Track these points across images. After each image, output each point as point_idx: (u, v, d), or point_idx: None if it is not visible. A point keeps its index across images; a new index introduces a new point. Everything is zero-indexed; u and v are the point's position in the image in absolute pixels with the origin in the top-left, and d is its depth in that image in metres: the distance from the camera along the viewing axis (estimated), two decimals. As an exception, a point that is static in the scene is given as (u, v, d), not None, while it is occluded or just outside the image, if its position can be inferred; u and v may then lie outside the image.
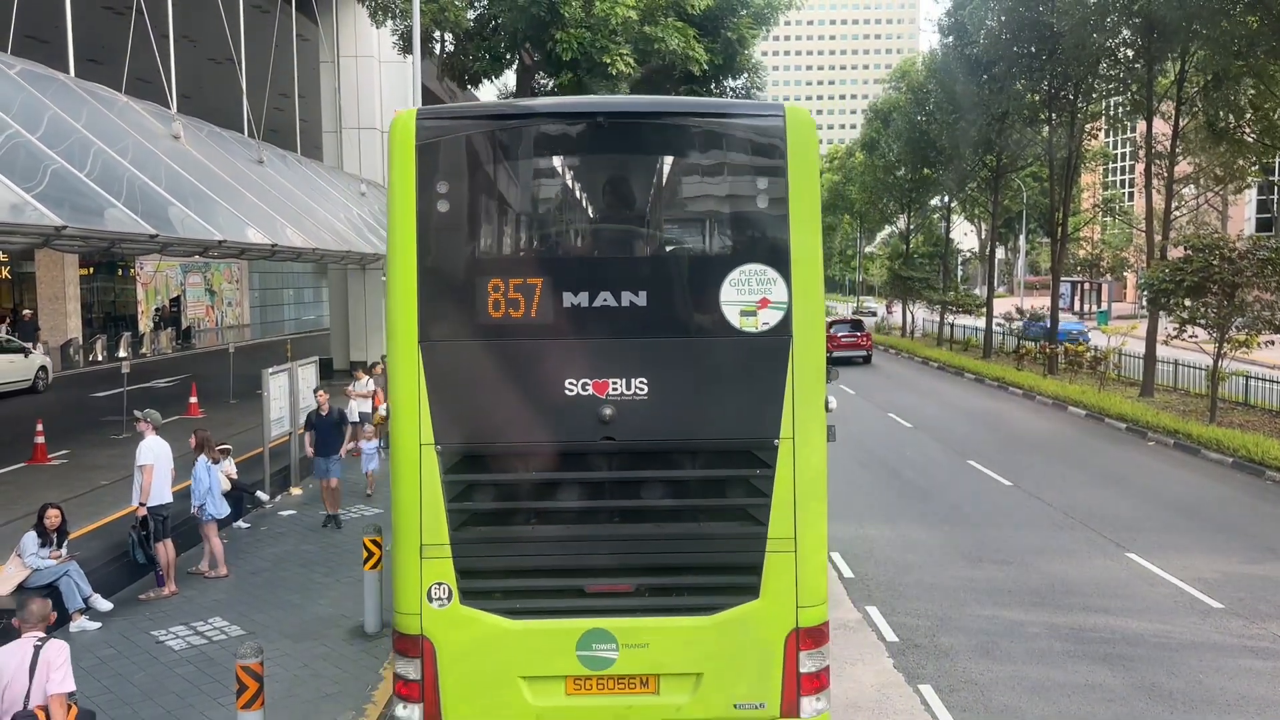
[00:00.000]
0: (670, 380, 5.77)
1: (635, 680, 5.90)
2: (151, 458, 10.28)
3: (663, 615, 5.89)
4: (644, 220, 6.42)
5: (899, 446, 20.06)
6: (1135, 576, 11.61)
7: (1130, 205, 58.27)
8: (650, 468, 5.91)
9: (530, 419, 5.78)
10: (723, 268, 5.81)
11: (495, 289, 5.72)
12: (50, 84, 15.01)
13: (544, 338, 5.77)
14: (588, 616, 5.84)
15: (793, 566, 5.87)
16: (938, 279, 47.41)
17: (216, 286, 49.58)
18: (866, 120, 49.48)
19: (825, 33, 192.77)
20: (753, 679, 5.88)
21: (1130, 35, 27.03)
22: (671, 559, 5.93)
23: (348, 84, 28.71)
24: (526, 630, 5.81)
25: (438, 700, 5.82)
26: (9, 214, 10.55)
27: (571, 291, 5.74)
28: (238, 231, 16.28)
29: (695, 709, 5.88)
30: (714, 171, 6.22)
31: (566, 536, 5.92)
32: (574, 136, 6.17)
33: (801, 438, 5.82)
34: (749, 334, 5.76)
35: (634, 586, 5.95)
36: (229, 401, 23.49)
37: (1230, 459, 18.06)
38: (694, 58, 21.64)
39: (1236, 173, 29.05)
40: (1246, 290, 20.64)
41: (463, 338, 5.80)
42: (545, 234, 6.49)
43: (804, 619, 5.89)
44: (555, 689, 5.89)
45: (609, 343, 5.78)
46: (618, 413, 5.70)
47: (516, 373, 5.79)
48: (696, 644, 5.84)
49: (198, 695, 8.10)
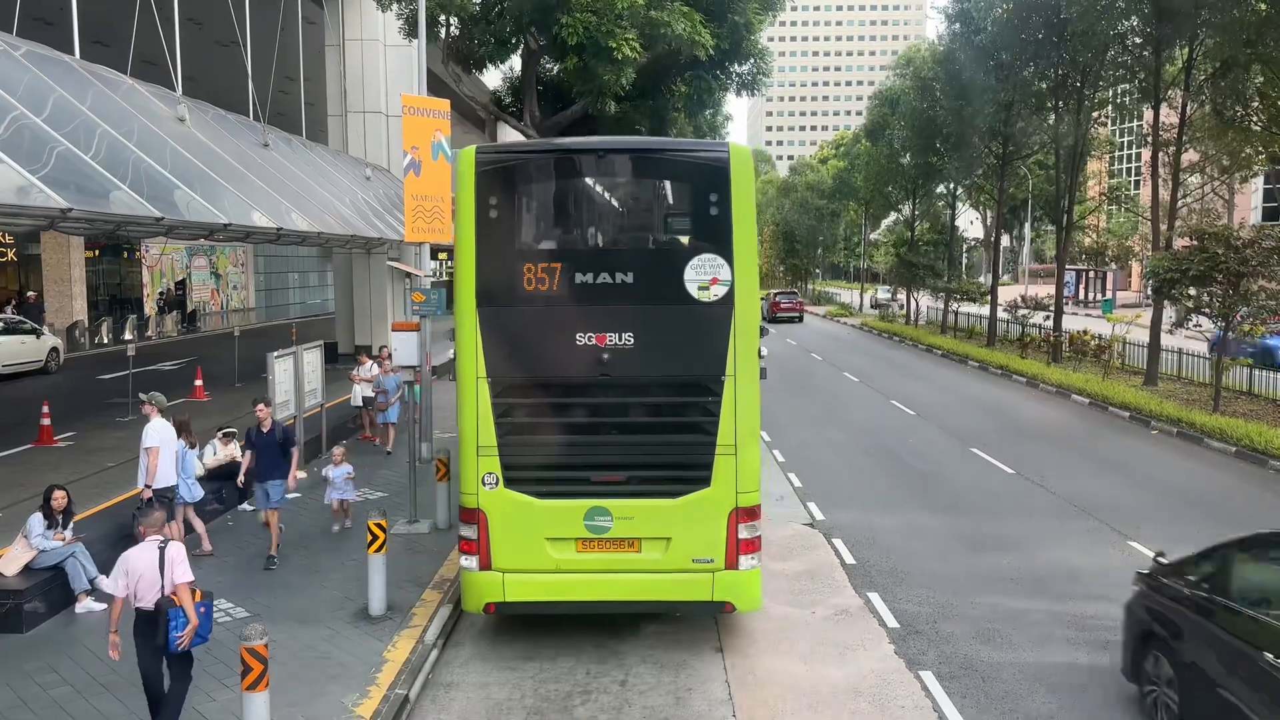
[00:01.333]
0: (649, 334, 8.45)
1: (624, 542, 8.58)
2: (157, 440, 10.33)
3: (644, 498, 8.54)
4: (632, 223, 9.39)
5: (902, 434, 20.07)
6: (1137, 565, 11.61)
7: (1136, 194, 58.02)
8: (635, 396, 8.66)
9: (552, 360, 8.52)
10: (686, 256, 8.49)
11: (529, 270, 8.43)
12: (55, 66, 15.00)
13: (562, 305, 8.44)
14: (592, 498, 8.51)
15: (734, 465, 8.52)
16: (943, 266, 47.30)
17: (222, 270, 49.59)
18: (872, 107, 49.21)
19: (832, 18, 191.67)
20: (706, 542, 8.57)
21: (1139, 23, 26.85)
22: (650, 459, 8.60)
23: (353, 68, 28.65)
24: (549, 506, 8.53)
25: (489, 553, 8.56)
26: (15, 196, 10.57)
27: (581, 273, 8.45)
28: (243, 215, 16.28)
29: (666, 563, 8.59)
30: (680, 189, 9.00)
31: (577, 442, 8.67)
32: (582, 165, 8.99)
33: (741, 375, 8.54)
34: (704, 302, 8.46)
35: (624, 478, 8.57)
36: (234, 385, 23.56)
37: (1233, 448, 18.05)
38: (700, 42, 21.55)
39: (1243, 161, 28.91)
40: (1252, 280, 20.58)
41: (506, 304, 8.49)
42: (563, 233, 9.20)
43: (742, 501, 8.57)
44: (568, 547, 8.58)
45: (607, 308, 8.43)
46: (612, 357, 8.39)
47: (543, 328, 8.51)
48: (667, 518, 8.56)
49: (203, 677, 8.15)
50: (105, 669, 8.27)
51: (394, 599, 9.74)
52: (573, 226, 9.27)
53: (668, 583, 8.66)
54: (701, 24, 21.56)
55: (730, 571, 8.60)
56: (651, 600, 8.83)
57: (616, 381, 8.47)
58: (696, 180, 8.75)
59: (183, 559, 7.00)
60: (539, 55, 24.88)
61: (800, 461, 17.37)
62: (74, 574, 9.62)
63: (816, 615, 9.97)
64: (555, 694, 8.15)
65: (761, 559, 8.87)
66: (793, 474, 16.35)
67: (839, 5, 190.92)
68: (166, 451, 10.46)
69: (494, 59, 24.47)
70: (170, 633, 6.82)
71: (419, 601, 9.87)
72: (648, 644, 9.17)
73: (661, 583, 8.66)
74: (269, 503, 11.14)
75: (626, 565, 8.59)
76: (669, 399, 8.69)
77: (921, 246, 48.71)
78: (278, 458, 11.19)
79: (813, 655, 8.96)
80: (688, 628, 9.54)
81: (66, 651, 8.70)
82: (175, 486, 10.69)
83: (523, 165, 8.99)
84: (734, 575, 8.62)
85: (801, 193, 75.64)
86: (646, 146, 10.52)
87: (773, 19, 25.25)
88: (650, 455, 8.62)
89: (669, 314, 8.49)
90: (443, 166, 14.90)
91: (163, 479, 10.43)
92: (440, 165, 14.80)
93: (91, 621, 9.32)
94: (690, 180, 8.84)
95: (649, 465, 8.61)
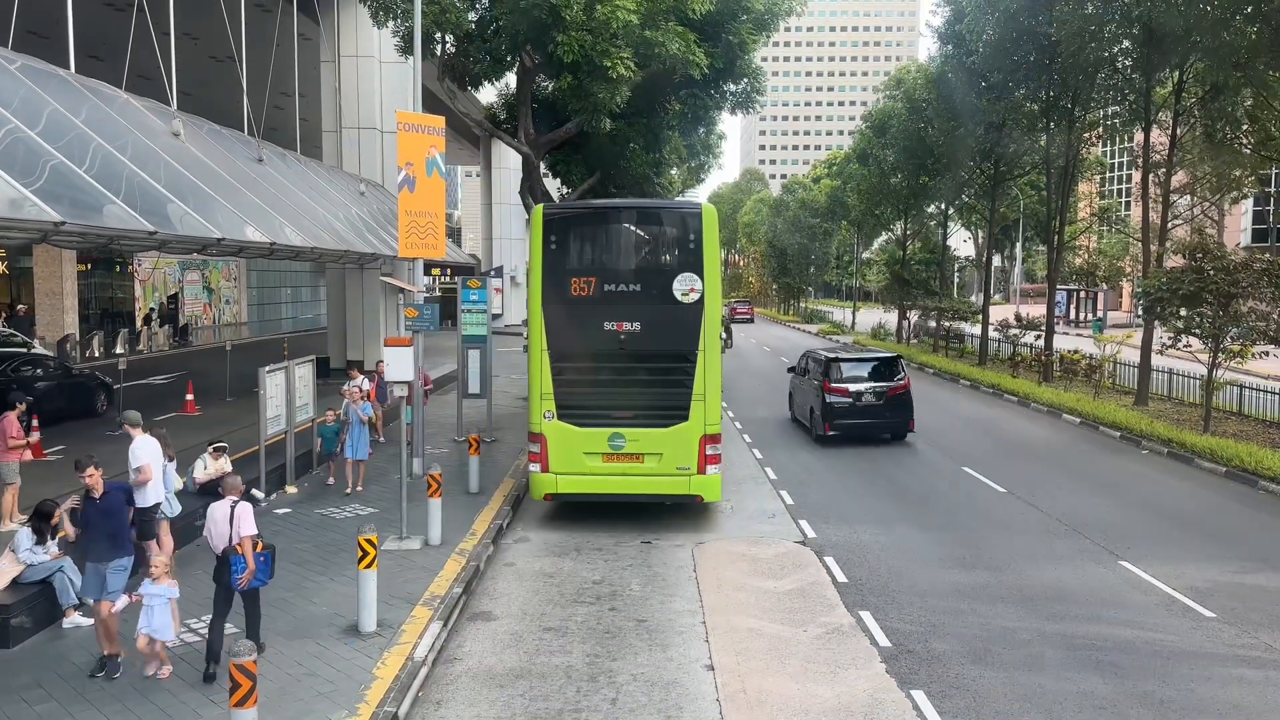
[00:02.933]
0: (650, 323, 13.27)
1: (633, 456, 13.36)
2: (148, 457, 10.28)
3: (646, 428, 13.32)
4: (639, 253, 14.31)
5: (894, 452, 20.09)
6: (1128, 584, 11.64)
7: (1127, 215, 58.37)
8: (640, 362, 13.39)
9: (588, 339, 13.31)
10: (673, 274, 13.42)
11: (574, 282, 13.36)
12: (51, 80, 15.01)
13: (595, 304, 13.29)
14: (612, 427, 13.32)
15: (704, 408, 13.28)
16: (934, 285, 47.45)
17: (214, 284, 49.54)
18: (861, 130, 49.42)
19: (825, 39, 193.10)
20: (686, 456, 13.32)
21: (1129, 45, 27.08)
22: (650, 402, 13.35)
23: (348, 84, 28.72)
24: (585, 432, 13.33)
25: (547, 461, 13.36)
26: (8, 209, 10.55)
27: (607, 284, 13.44)
28: (236, 229, 16.28)
29: (660, 469, 13.34)
30: (670, 232, 13.94)
31: (603, 391, 13.38)
32: (608, 216, 14.46)
33: (707, 351, 13.27)
34: (685, 304, 13.28)
35: (633, 414, 13.33)
36: (225, 399, 23.49)
37: (1224, 469, 18.11)
38: (694, 62, 21.65)
39: (1232, 183, 29.12)
40: (1242, 301, 20.69)
41: (560, 303, 13.31)
42: (595, 259, 14.00)
43: (709, 430, 13.31)
44: (597, 459, 13.39)
45: (623, 306, 13.31)
46: (627, 337, 13.24)
47: (582, 319, 13.30)
48: (661, 440, 13.31)
49: (191, 693, 8.11)
50: (91, 684, 8.21)
51: (384, 616, 9.70)
52: (602, 255, 14.20)
53: (661, 482, 13.54)
54: (696, 44, 21.67)
55: (700, 475, 13.48)
56: (650, 493, 13.72)
57: (628, 353, 13.45)
58: (680, 227, 13.79)
59: (249, 517, 8.57)
60: (534, 73, 24.96)
61: (791, 479, 17.37)
62: (61, 589, 9.55)
63: (808, 634, 9.95)
64: (545, 712, 8.10)
65: (721, 468, 13.96)
66: (784, 492, 16.35)
67: (832, 26, 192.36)
68: (155, 467, 10.41)
69: (489, 76, 24.52)
70: (232, 575, 8.44)
71: (409, 618, 9.82)
72: (640, 661, 9.14)
73: (657, 482, 13.54)
74: (105, 593, 8.59)
75: (634, 470, 13.51)
76: (662, 364, 13.53)
77: (914, 265, 48.88)
78: (117, 531, 8.89)
79: (804, 674, 8.94)
80: (680, 644, 9.52)
81: (53, 667, 8.63)
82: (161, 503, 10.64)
83: (572, 216, 14.45)
84: (703, 478, 13.51)
85: (794, 210, 75.91)
86: (647, 205, 16.64)
87: (766, 39, 25.32)
88: (650, 400, 13.48)
89: (662, 311, 13.41)
90: (436, 182, 14.93)
91: (154, 495, 10.38)
92: (434, 181, 14.83)
93: (79, 636, 9.24)
94: (676, 226, 13.90)
95: (649, 406, 13.46)
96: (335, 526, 13.44)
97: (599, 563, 12.34)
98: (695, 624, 10.16)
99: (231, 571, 8.42)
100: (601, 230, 14.35)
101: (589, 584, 11.48)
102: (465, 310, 19.95)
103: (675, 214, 14.25)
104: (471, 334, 19.93)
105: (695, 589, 11.30)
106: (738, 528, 14.16)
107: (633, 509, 14.32)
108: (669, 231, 14.06)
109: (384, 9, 22.09)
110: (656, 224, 14.44)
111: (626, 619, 10.30)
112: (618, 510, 14.50)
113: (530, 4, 20.15)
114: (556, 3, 20.05)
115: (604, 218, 14.49)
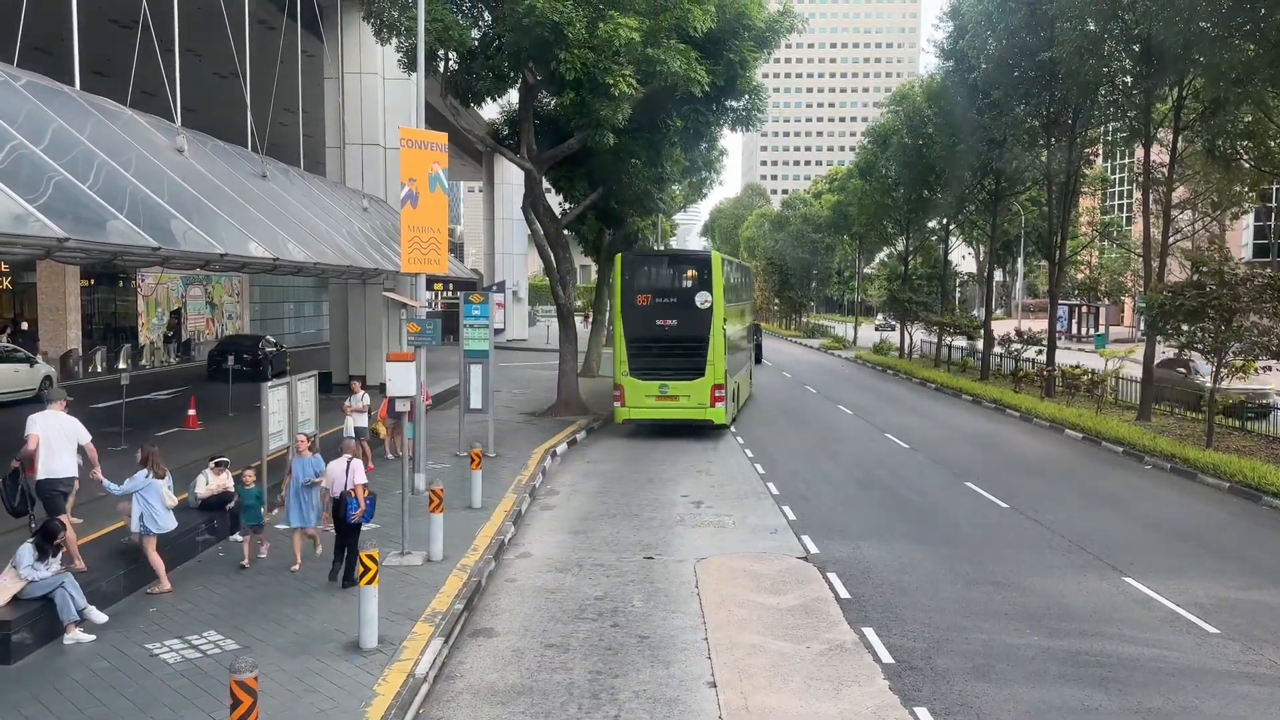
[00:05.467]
0: (682, 320, 23.46)
1: (673, 397, 23.34)
2: (37, 429, 10.55)
3: (680, 380, 23.34)
4: (676, 280, 24.18)
5: (897, 468, 20.07)
6: (1131, 600, 11.60)
7: (1128, 230, 58.41)
8: (677, 343, 23.39)
9: (647, 329, 23.46)
10: (694, 292, 23.59)
11: (639, 297, 23.66)
12: (55, 96, 15.08)
13: (651, 310, 23.61)
14: (660, 380, 23.34)
15: (712, 370, 23.33)
16: (936, 301, 47.46)
17: (217, 299, 49.60)
18: (864, 145, 49.57)
19: (826, 55, 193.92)
20: (702, 397, 23.35)
21: (1129, 63, 27.19)
22: (682, 365, 23.33)
23: (351, 100, 28.85)
24: (645, 383, 23.38)
25: (624, 401, 23.47)
26: (12, 225, 10.58)
27: (657, 298, 23.80)
28: (240, 245, 16.30)
29: (688, 405, 23.44)
30: (694, 268, 24.17)
31: (655, 359, 23.38)
32: (663, 261, 26.92)
33: (714, 336, 23.35)
34: (702, 310, 23.38)
35: (672, 372, 23.35)
36: (227, 414, 23.49)
37: (1227, 484, 18.07)
38: (696, 79, 21.76)
39: (1232, 199, 29.17)
40: (1244, 316, 20.70)
41: (632, 309, 23.61)
42: (651, 283, 24.11)
43: (714, 381, 23.33)
44: (652, 399, 23.41)
45: (666, 311, 23.63)
46: (669, 329, 23.46)
47: (644, 317, 23.52)
48: (689, 388, 23.37)
49: (190, 709, 8.08)
50: (92, 702, 8.19)
51: (385, 632, 9.67)
52: (654, 281, 24.12)
53: (688, 412, 23.31)
54: (697, 61, 21.78)
55: (711, 408, 23.24)
56: (682, 419, 23.46)
57: (669, 338, 23.23)
58: (700, 265, 24.09)
59: (360, 471, 11.48)
60: (537, 89, 25.07)
61: (794, 495, 17.34)
62: (62, 605, 9.52)
63: (811, 650, 9.91)
64: (547, 729, 8.07)
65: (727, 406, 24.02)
66: (787, 507, 16.32)
67: (833, 42, 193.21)
68: (52, 441, 10.79)
69: (492, 93, 24.63)
70: (348, 511, 11.22)
71: (410, 635, 9.79)
72: (642, 678, 9.10)
73: (686, 412, 23.31)
74: None
75: (673, 405, 23.29)
76: (688, 344, 23.14)
77: (915, 281, 48.91)
78: None
79: (807, 691, 8.90)
80: (682, 661, 9.48)
81: (54, 683, 8.60)
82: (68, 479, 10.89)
83: (638, 258, 26.29)
84: (713, 409, 23.26)
85: (796, 225, 76.00)
86: (679, 253, 33.83)
87: (768, 56, 25.47)
88: (682, 365, 23.11)
89: (689, 314, 23.24)
90: (439, 198, 14.96)
91: (45, 470, 10.59)
92: (437, 197, 14.86)
93: (80, 653, 9.22)
94: (696, 265, 24.13)
95: (681, 369, 23.12)
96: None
97: (601, 578, 12.31)
98: (697, 640, 10.13)
99: (347, 509, 11.20)
100: (654, 267, 25.21)
101: (591, 600, 11.45)
102: (467, 325, 19.98)
103: (696, 257, 26.47)
104: (473, 349, 19.95)
105: (697, 605, 11.27)
106: (740, 543, 14.13)
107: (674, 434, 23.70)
108: (691, 269, 24.21)
109: (387, 26, 22.22)
110: (685, 264, 24.89)
111: (628, 635, 10.26)
112: (620, 525, 14.51)
113: (533, 22, 20.27)
114: (559, 21, 20.16)
115: (656, 260, 27.23)
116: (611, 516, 15.63)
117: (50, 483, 10.63)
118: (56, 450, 10.75)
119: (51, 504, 10.63)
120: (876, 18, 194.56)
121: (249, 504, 12.38)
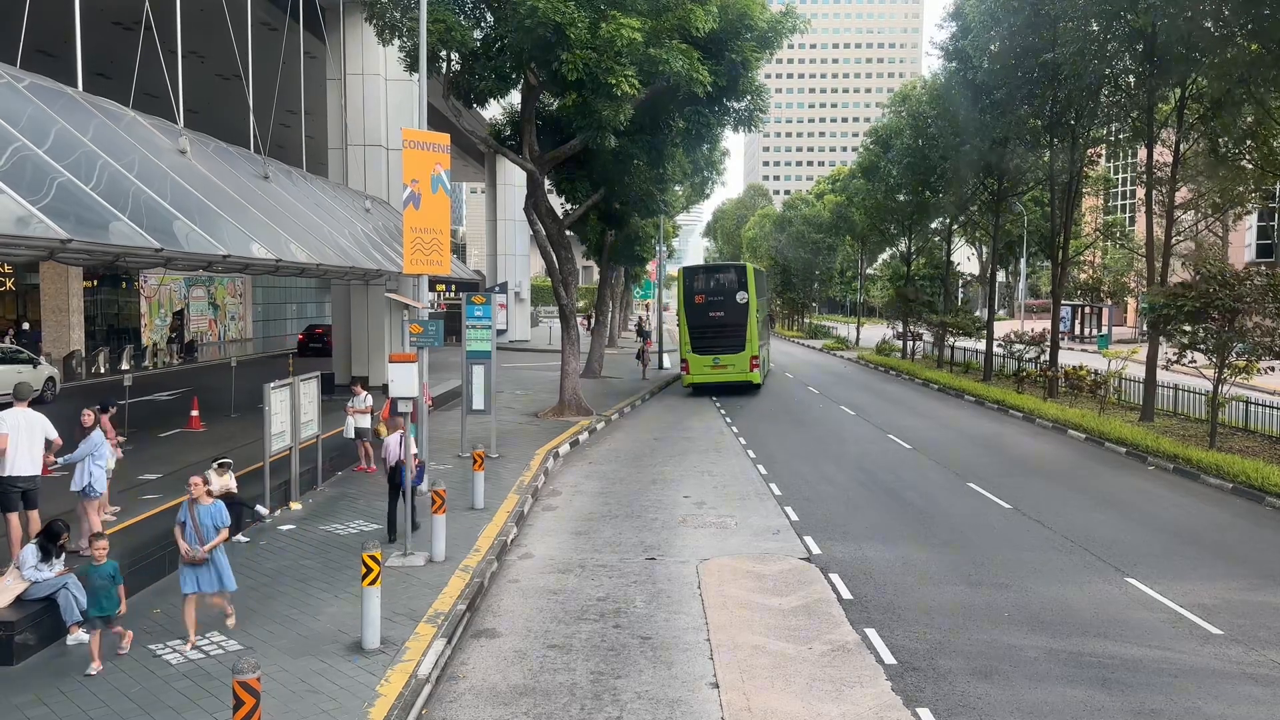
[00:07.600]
0: (727, 311, 33.93)
1: (722, 366, 33.85)
2: (6, 427, 10.37)
3: (727, 354, 33.86)
4: (722, 284, 34.73)
5: (899, 468, 20.06)
6: (1134, 601, 11.59)
7: (1131, 230, 58.32)
8: (723, 326, 33.88)
9: (702, 319, 33.95)
10: (735, 291, 34.32)
11: (696, 296, 34.33)
12: (58, 98, 15.11)
13: (704, 306, 34.15)
14: (713, 354, 33.95)
15: (749, 346, 33.93)
16: (938, 301, 47.42)
17: (220, 300, 49.67)
18: (866, 145, 49.56)
19: (828, 55, 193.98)
20: (745, 366, 33.91)
21: (1132, 63, 27.16)
22: (728, 343, 33.90)
23: (354, 101, 28.89)
24: (702, 358, 33.98)
25: (689, 370, 34.24)
26: (15, 226, 10.60)
27: (708, 297, 34.41)
28: (242, 246, 16.33)
29: (733, 372, 33.90)
30: (734, 275, 35.04)
31: (709, 339, 33.96)
32: (706, 270, 37.41)
33: (751, 322, 33.93)
34: (741, 304, 34.02)
35: (721, 349, 33.88)
36: (230, 415, 23.53)
37: (1230, 485, 18.04)
38: (698, 79, 21.77)
39: (1236, 199, 29.13)
40: (1247, 316, 20.66)
41: (691, 306, 34.26)
42: (704, 287, 34.70)
43: (751, 352, 33.97)
44: (708, 369, 33.98)
45: (716, 305, 34.15)
46: (717, 318, 33.90)
47: (700, 311, 34.05)
48: (733, 360, 33.85)
49: (194, 710, 8.09)
50: (96, 703, 8.20)
51: (388, 633, 9.68)
52: (707, 284, 34.58)
53: (735, 376, 33.65)
54: (699, 61, 21.79)
55: (750, 372, 33.79)
56: (731, 380, 33.71)
57: (718, 325, 33.68)
58: (739, 272, 35.05)
59: (410, 442, 12.93)
60: (539, 90, 25.10)
61: (796, 495, 17.34)
62: (66, 606, 9.54)
63: (813, 651, 9.91)
64: (549, 730, 8.07)
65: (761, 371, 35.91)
66: (789, 508, 16.31)
67: (835, 43, 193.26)
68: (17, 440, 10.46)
69: (494, 94, 24.66)
70: (402, 476, 12.91)
71: (413, 635, 9.80)
72: (644, 679, 9.11)
73: (733, 376, 33.65)
74: None
75: (722, 373, 33.74)
76: (731, 329, 33.61)
77: (918, 281, 48.88)
78: None
79: (809, 692, 8.90)
80: (684, 662, 9.48)
81: (56, 684, 8.61)
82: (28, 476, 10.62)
83: (696, 270, 36.83)
84: (753, 373, 33.89)
85: (798, 226, 75.98)
86: (725, 265, 40.02)
87: (770, 56, 25.49)
88: (728, 344, 33.68)
89: (731, 307, 33.79)
90: (442, 199, 14.97)
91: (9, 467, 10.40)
92: (439, 198, 14.87)
93: (83, 653, 9.23)
94: (736, 273, 35.04)
95: (727, 347, 33.68)
96: (339, 543, 13.43)
97: (603, 579, 12.31)
98: (700, 641, 10.13)
99: (401, 474, 13.01)
100: (706, 275, 35.33)
101: (593, 601, 11.46)
102: (470, 326, 19.99)
103: (736, 267, 35.55)
104: (476, 349, 19.96)
105: (700, 606, 11.27)
106: (742, 544, 14.13)
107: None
108: (733, 275, 34.42)
109: (389, 27, 22.25)
110: (728, 272, 35.02)
111: (631, 636, 10.27)
112: (622, 526, 14.52)
113: (535, 23, 20.29)
114: (561, 21, 20.18)
115: (706, 270, 36.88)
116: (614, 517, 15.64)
117: (9, 480, 10.42)
118: (23, 448, 10.58)
119: (5, 500, 10.44)
120: (878, 18, 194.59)
121: (98, 584, 9.07)
